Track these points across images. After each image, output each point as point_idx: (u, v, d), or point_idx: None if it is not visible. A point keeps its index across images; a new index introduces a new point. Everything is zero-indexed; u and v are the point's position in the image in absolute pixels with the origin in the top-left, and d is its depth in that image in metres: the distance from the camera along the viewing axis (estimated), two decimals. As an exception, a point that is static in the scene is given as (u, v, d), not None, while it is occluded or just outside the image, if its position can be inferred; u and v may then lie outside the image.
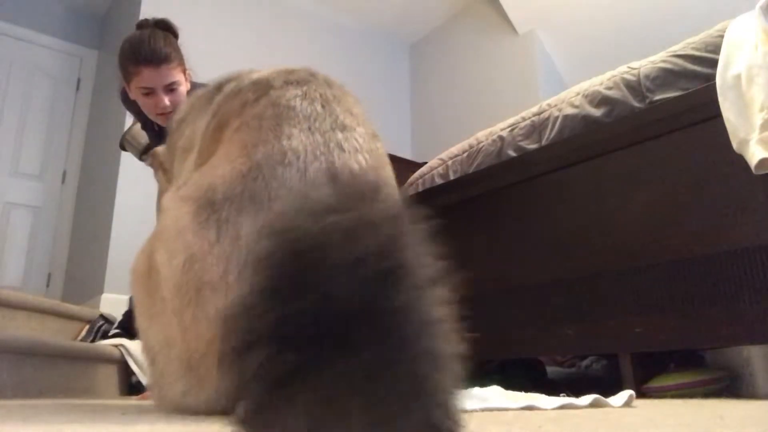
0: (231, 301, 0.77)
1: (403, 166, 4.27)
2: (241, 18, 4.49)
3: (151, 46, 1.73)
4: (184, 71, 1.86)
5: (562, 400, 1.01)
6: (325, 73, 1.09)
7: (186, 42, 2.31)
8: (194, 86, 1.82)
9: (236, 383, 0.38)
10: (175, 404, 0.87)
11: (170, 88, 1.75)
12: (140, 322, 0.98)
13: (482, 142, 2.13)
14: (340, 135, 0.94)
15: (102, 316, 2.70)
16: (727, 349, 1.53)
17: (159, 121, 1.79)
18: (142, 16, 2.23)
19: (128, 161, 3.18)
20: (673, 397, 1.44)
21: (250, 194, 0.87)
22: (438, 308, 0.40)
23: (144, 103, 1.76)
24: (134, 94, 1.79)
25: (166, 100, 1.73)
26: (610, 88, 1.75)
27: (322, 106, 0.96)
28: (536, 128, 1.94)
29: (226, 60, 4.25)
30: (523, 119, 2.01)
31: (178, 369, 0.85)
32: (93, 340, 2.54)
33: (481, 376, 1.99)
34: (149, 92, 1.73)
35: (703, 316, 1.39)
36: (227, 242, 0.85)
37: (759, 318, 1.30)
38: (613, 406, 1.03)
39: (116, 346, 2.50)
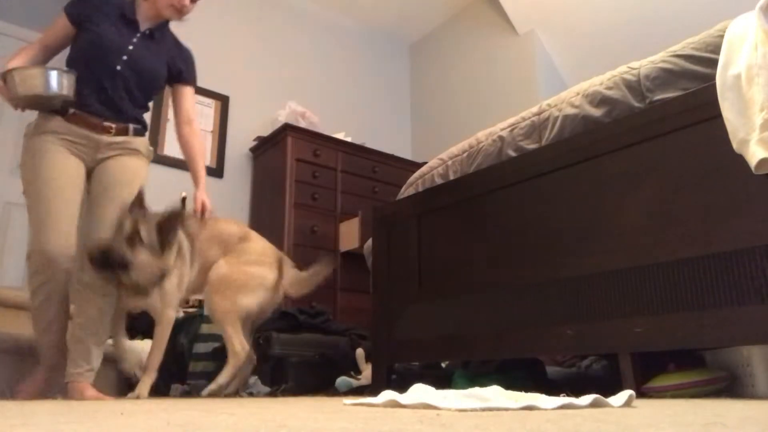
0: None
1: (403, 166, 4.27)
2: (241, 18, 4.49)
3: None
4: None
5: (562, 400, 1.01)
6: None
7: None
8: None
9: None
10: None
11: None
12: None
13: (482, 142, 2.13)
14: None
15: (102, 316, 2.69)
16: (727, 349, 1.53)
17: (168, 12, 2.15)
18: (142, 16, 2.24)
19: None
20: (673, 397, 1.44)
21: None
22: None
23: None
24: None
25: (189, 3, 2.16)
26: (610, 88, 1.75)
27: None
28: (536, 128, 1.94)
29: (226, 59, 4.26)
30: (523, 119, 2.01)
31: None
32: (93, 340, 2.53)
33: (481, 376, 1.99)
34: None
35: (703, 316, 1.39)
36: None
37: (759, 318, 1.30)
38: (613, 406, 1.03)
39: (116, 346, 2.50)
